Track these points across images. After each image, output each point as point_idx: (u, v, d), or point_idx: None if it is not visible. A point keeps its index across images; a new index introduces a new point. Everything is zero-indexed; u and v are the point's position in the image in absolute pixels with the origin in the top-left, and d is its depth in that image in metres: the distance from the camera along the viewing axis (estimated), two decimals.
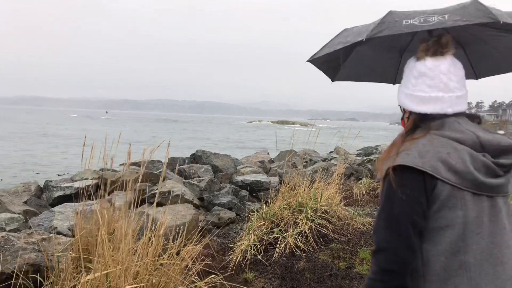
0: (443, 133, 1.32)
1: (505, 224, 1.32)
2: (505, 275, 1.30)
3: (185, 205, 5.77)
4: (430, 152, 1.28)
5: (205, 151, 10.82)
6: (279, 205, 4.97)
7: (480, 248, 1.28)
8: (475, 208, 1.28)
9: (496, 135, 1.36)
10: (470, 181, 1.27)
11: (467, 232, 1.28)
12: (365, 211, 6.52)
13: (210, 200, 7.40)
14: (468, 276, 1.27)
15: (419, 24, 1.35)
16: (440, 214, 1.28)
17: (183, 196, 6.82)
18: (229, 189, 8.17)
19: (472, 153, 1.28)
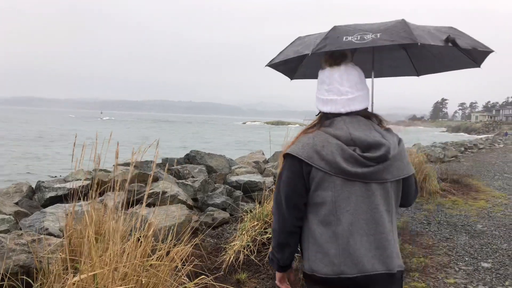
0: (327, 130, 1.66)
1: (378, 204, 1.63)
2: (372, 245, 1.60)
3: (178, 206, 5.74)
4: (310, 144, 1.63)
5: (199, 151, 10.78)
6: (272, 205, 4.95)
7: (348, 222, 1.60)
8: (345, 190, 1.61)
9: (368, 133, 1.64)
10: (337, 169, 1.59)
11: (337, 208, 1.61)
12: None
13: (204, 200, 7.36)
14: (338, 243, 1.60)
15: (356, 42, 1.61)
16: (317, 193, 1.63)
17: (176, 196, 6.78)
18: (223, 190, 8.14)
19: (343, 147, 1.60)
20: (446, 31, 1.79)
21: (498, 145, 34.35)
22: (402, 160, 1.69)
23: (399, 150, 1.69)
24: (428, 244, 4.93)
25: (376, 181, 1.63)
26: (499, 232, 5.57)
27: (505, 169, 14.23)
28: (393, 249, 1.66)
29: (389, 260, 1.63)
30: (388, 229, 1.66)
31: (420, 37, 1.62)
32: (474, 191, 8.69)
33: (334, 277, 1.61)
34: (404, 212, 6.61)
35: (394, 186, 1.68)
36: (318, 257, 1.64)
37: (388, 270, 1.62)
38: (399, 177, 1.67)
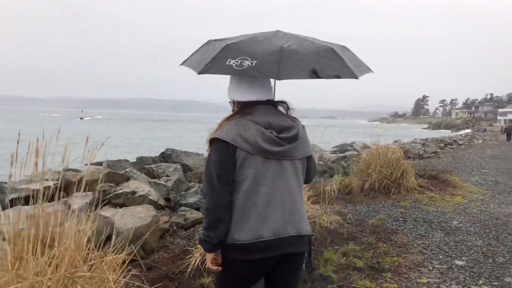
0: (247, 117, 1.92)
1: (289, 178, 1.93)
2: (285, 212, 1.90)
3: (145, 207, 5.50)
4: (233, 129, 1.88)
5: (175, 149, 10.52)
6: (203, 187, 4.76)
7: (266, 193, 1.87)
8: (264, 166, 1.88)
9: (281, 119, 1.96)
10: (258, 148, 1.85)
11: (257, 183, 1.87)
12: (334, 209, 6.36)
13: (177, 200, 7.12)
14: (257, 212, 1.86)
15: (235, 68, 1.79)
16: (241, 171, 1.86)
17: (147, 196, 6.52)
18: (198, 189, 7.90)
19: (262, 130, 1.88)
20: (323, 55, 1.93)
21: (477, 141, 34.89)
22: (305, 142, 2.04)
23: (304, 133, 2.04)
24: (403, 242, 4.81)
25: (287, 158, 1.94)
26: (474, 229, 5.49)
27: (482, 164, 14.35)
28: (301, 216, 1.97)
29: (299, 225, 1.94)
30: (298, 198, 1.97)
31: (285, 73, 1.78)
32: (451, 187, 8.66)
33: (253, 241, 1.85)
34: (381, 209, 6.50)
35: (300, 163, 2.02)
36: (239, 227, 1.86)
37: (298, 233, 1.93)
38: (304, 155, 2.03)
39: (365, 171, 8.07)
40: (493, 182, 9.95)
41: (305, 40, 2.00)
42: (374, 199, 7.29)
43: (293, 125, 1.98)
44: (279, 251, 1.89)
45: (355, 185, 7.90)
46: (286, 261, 1.97)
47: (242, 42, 1.91)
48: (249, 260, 1.87)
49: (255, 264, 1.89)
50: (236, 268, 1.92)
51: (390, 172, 7.88)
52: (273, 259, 1.90)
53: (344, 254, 4.24)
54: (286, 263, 1.97)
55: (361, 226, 5.40)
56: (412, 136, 36.67)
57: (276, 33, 2.03)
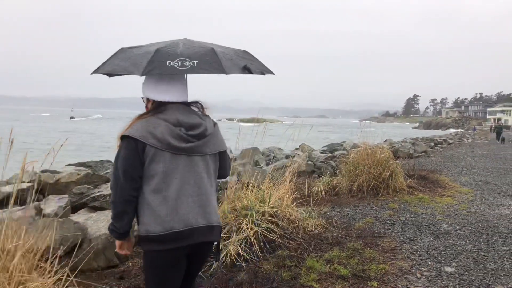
0: (158, 116, 2.02)
1: (200, 172, 2.05)
2: (196, 204, 2.02)
3: None
4: (144, 126, 1.97)
5: None
6: (223, 208, 4.51)
7: (176, 187, 1.98)
8: (173, 162, 1.98)
9: (190, 117, 2.07)
10: (167, 145, 1.95)
11: (167, 177, 1.97)
12: (320, 212, 6.15)
13: None
14: (168, 205, 1.95)
15: (178, 68, 1.91)
16: (151, 166, 1.96)
17: None
18: None
19: (171, 127, 1.98)
20: (243, 56, 2.20)
21: (467, 140, 35.00)
22: (217, 138, 2.17)
23: (215, 130, 2.17)
24: (391, 247, 4.60)
25: (197, 154, 2.06)
26: (464, 232, 5.31)
27: (472, 164, 14.26)
28: (212, 208, 2.11)
29: (209, 216, 2.07)
30: (209, 191, 2.10)
31: (229, 69, 1.99)
32: (441, 188, 8.50)
33: (165, 233, 1.95)
34: (368, 212, 6.30)
35: (212, 159, 2.14)
36: (151, 220, 1.96)
37: (208, 223, 2.06)
38: (216, 151, 2.14)
39: (353, 172, 7.87)
40: (483, 182, 9.82)
41: (220, 45, 2.20)
42: (362, 201, 7.09)
43: (201, 122, 2.11)
44: (191, 240, 2.02)
45: (342, 186, 7.69)
46: (198, 250, 2.12)
47: (169, 46, 2.04)
48: (163, 250, 1.98)
49: (170, 253, 2.01)
50: (153, 258, 2.05)
51: (379, 173, 7.69)
52: (186, 248, 2.03)
53: (328, 261, 4.02)
54: (198, 252, 2.14)
55: (347, 230, 5.18)
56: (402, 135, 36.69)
57: (187, 39, 2.19)
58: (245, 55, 2.22)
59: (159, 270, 2.05)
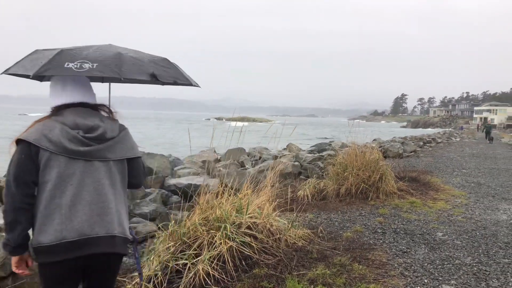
0: (56, 118, 1.98)
1: (101, 179, 1.96)
2: (93, 212, 1.92)
3: None
4: (39, 130, 1.92)
5: None
6: (193, 220, 3.99)
7: (72, 194, 1.89)
8: (70, 167, 1.91)
9: (90, 119, 2.00)
10: (62, 148, 1.89)
11: (62, 183, 1.89)
12: (305, 219, 5.66)
13: (130, 210, 6.30)
14: (61, 212, 1.87)
15: (75, 69, 1.88)
16: (45, 171, 1.89)
17: None
18: (156, 196, 7.11)
19: (68, 130, 1.93)
20: (158, 63, 2.15)
21: (455, 139, 34.93)
22: (125, 144, 2.05)
23: (122, 135, 2.05)
24: (382, 261, 4.12)
25: (98, 159, 1.95)
26: (461, 242, 4.86)
27: (463, 164, 13.92)
28: (113, 217, 1.95)
29: (109, 225, 1.92)
30: (110, 199, 1.95)
31: (128, 73, 1.96)
32: (433, 190, 8.08)
33: (57, 243, 1.82)
34: (357, 219, 5.82)
35: (117, 165, 2.01)
36: (43, 229, 1.84)
37: (109, 233, 1.91)
38: (122, 157, 2.02)
39: (341, 174, 7.39)
40: (475, 184, 9.44)
41: (139, 51, 2.19)
42: (350, 206, 6.61)
43: (99, 125, 1.98)
44: (86, 251, 1.87)
45: (330, 190, 7.21)
46: (98, 263, 1.96)
47: (78, 48, 2.01)
48: (55, 261, 1.85)
49: (62, 265, 1.87)
50: (46, 271, 1.91)
51: (368, 175, 7.23)
52: (80, 259, 1.89)
53: (312, 282, 3.51)
54: (98, 265, 1.98)
55: (334, 241, 4.69)
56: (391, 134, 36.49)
57: (110, 45, 2.16)
58: (161, 63, 2.18)
59: (52, 284, 1.93)
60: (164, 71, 2.11)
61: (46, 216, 1.85)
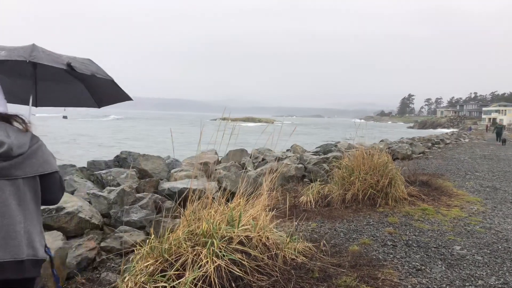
0: None
1: (7, 199, 1.77)
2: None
3: (53, 234, 4.17)
4: None
5: (131, 152, 9.19)
6: (177, 235, 3.49)
7: None
8: None
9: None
10: None
11: None
12: (307, 228, 5.14)
13: (117, 216, 5.82)
14: None
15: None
16: None
17: (76, 214, 5.21)
18: (149, 201, 6.60)
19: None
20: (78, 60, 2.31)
21: (463, 140, 34.16)
22: (37, 159, 1.88)
23: (33, 150, 1.88)
24: (393, 282, 3.59)
25: (4, 177, 1.78)
26: (482, 257, 4.31)
27: (475, 166, 13.30)
28: (22, 239, 1.79)
29: (16, 249, 1.77)
30: (17, 221, 1.79)
31: (36, 58, 2.05)
32: (446, 196, 7.51)
33: None
34: (365, 228, 5.29)
35: (28, 183, 1.86)
36: None
37: (14, 258, 1.76)
38: (32, 174, 1.86)
39: (347, 179, 6.86)
40: (491, 189, 8.85)
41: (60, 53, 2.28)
42: (357, 213, 6.08)
43: (4, 140, 1.80)
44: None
45: (335, 195, 6.68)
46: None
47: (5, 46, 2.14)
48: None
49: None
50: None
51: (376, 180, 6.69)
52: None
53: None
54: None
55: (339, 256, 4.17)
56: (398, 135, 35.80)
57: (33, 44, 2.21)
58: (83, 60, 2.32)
59: None
60: (84, 65, 2.23)
61: None
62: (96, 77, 2.39)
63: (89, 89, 2.97)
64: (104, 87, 2.84)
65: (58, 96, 3.08)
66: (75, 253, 4.60)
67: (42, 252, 1.89)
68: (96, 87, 2.90)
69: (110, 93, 2.96)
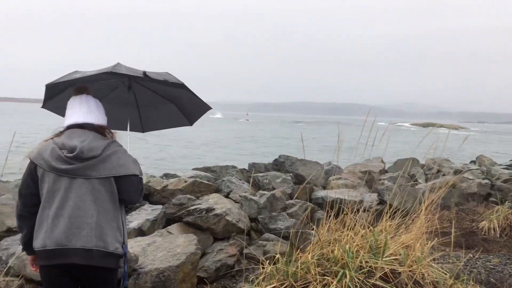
0: (54, 139, 2.21)
1: (83, 195, 2.11)
2: (73, 225, 2.07)
3: (188, 237, 4.14)
4: (39, 149, 2.19)
5: (289, 156, 9.03)
6: (305, 258, 3.00)
7: (56, 207, 2.10)
8: (57, 183, 2.12)
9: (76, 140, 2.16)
10: (50, 166, 2.12)
11: (51, 197, 2.12)
12: (484, 266, 3.99)
13: (265, 223, 5.64)
14: (48, 222, 2.09)
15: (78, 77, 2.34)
16: (41, 185, 2.15)
17: (224, 216, 5.20)
18: (299, 209, 6.27)
19: (56, 150, 2.14)
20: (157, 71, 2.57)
21: None
22: (111, 162, 2.16)
23: (107, 154, 2.17)
24: None
25: (81, 176, 2.12)
26: None
27: None
28: (91, 231, 2.08)
29: (85, 239, 2.07)
30: (89, 215, 2.10)
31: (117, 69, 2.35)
32: None
33: (41, 249, 2.07)
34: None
35: (103, 183, 2.15)
36: (36, 235, 2.12)
37: (83, 246, 2.06)
38: (105, 175, 2.14)
39: None
40: None
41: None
42: None
43: (77, 145, 2.13)
44: (63, 260, 2.05)
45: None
46: (82, 272, 2.11)
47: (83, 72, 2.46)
48: (43, 265, 2.13)
49: (48, 269, 2.12)
50: (40, 272, 2.19)
51: None
52: (61, 267, 2.08)
53: None
54: (83, 274, 2.12)
55: None
56: None
57: None
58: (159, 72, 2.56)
59: (45, 285, 2.19)
60: (157, 74, 2.47)
61: (39, 224, 2.12)
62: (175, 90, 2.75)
63: (180, 108, 3.19)
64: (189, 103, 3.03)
65: (157, 121, 3.38)
66: (215, 257, 4.56)
67: (115, 246, 2.12)
68: (184, 104, 3.11)
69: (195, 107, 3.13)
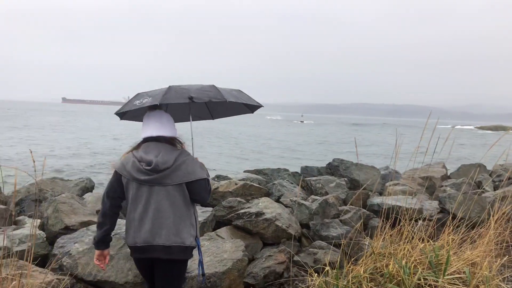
0: (133, 152, 2.62)
1: (161, 200, 2.52)
2: (155, 225, 2.51)
3: (236, 242, 4.05)
4: (122, 161, 2.61)
5: (344, 160, 8.72)
6: (358, 270, 2.80)
7: (140, 211, 2.53)
8: (139, 190, 2.54)
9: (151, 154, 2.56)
10: (132, 177, 2.54)
11: (135, 202, 2.55)
12: None
13: (316, 229, 5.44)
14: (134, 223, 2.55)
15: (138, 104, 2.66)
16: (126, 192, 2.59)
17: (273, 221, 5.08)
18: (353, 216, 5.99)
19: (137, 163, 2.54)
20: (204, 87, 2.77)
21: None
22: (181, 171, 2.54)
23: (178, 164, 2.55)
24: None
25: (158, 184, 2.53)
26: None
27: None
28: (170, 230, 2.51)
29: (166, 237, 2.50)
30: (168, 216, 2.52)
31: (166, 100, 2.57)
32: None
33: (133, 245, 2.56)
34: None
35: (177, 188, 2.55)
36: (127, 233, 2.60)
37: (163, 243, 2.50)
38: (179, 182, 2.54)
39: None
40: None
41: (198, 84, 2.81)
42: None
43: (152, 160, 2.53)
44: (149, 254, 2.52)
45: None
46: (159, 265, 2.57)
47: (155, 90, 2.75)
48: (135, 258, 2.65)
49: (139, 261, 2.66)
50: (135, 261, 2.73)
51: None
52: (148, 260, 2.57)
53: None
54: (159, 266, 2.58)
55: None
56: None
57: None
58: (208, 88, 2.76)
59: (140, 272, 2.82)
60: (203, 93, 2.65)
61: (129, 224, 2.58)
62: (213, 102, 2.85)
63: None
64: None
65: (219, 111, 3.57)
66: (264, 264, 4.45)
67: (189, 241, 2.56)
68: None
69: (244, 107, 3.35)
